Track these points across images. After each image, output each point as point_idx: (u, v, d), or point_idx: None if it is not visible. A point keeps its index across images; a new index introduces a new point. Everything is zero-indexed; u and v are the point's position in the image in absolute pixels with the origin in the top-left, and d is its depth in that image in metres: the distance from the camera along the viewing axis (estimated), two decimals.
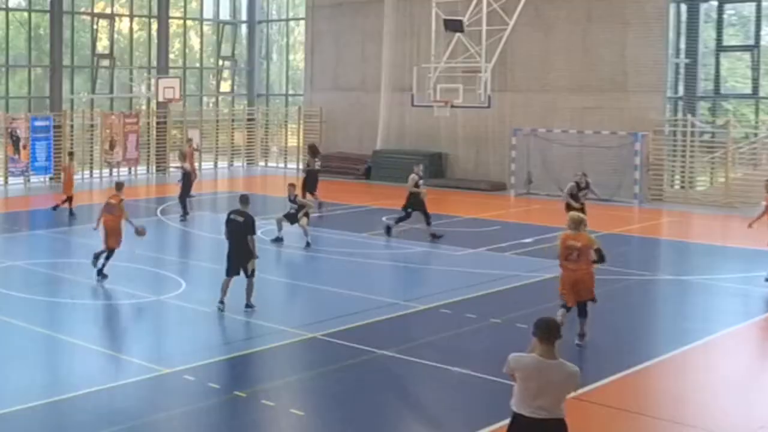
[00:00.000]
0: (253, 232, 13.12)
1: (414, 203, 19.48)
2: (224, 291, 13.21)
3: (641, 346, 11.96)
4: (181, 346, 11.80)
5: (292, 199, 19.03)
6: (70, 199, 22.45)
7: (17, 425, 8.94)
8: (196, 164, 27.99)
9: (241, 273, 13.18)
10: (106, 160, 31.36)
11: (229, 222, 13.33)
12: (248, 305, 13.20)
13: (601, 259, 11.51)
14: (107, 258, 15.13)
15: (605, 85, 26.97)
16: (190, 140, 28.84)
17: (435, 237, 19.11)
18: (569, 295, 11.50)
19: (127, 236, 15.37)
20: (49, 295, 14.51)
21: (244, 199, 13.56)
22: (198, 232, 20.74)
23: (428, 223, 19.27)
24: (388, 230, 19.67)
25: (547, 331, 6.51)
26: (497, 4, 24.41)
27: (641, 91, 26.34)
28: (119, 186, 16.08)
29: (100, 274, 15.06)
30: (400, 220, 19.66)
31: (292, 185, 19.46)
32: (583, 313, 11.59)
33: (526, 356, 6.58)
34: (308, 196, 22.28)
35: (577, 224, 11.53)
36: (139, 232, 15.44)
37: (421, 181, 19.67)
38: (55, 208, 22.78)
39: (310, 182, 23.17)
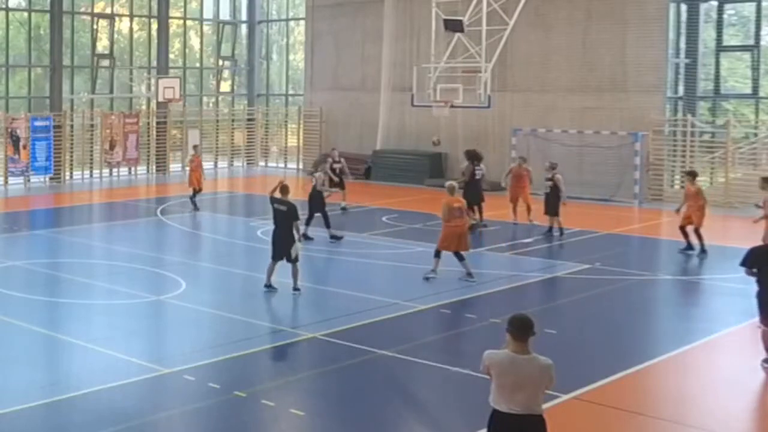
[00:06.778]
0: (297, 218, 14.09)
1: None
2: (269, 275, 14.17)
3: (641, 346, 11.95)
4: (181, 346, 11.79)
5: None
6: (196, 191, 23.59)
7: (17, 425, 8.94)
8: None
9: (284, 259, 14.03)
10: (106, 160, 31.36)
11: (274, 211, 14.26)
12: (295, 288, 14.01)
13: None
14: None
15: (605, 85, 26.95)
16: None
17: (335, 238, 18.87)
18: (452, 245, 15.01)
19: (126, 237, 15.34)
20: (49, 295, 14.51)
21: (285, 189, 14.36)
22: (198, 232, 20.73)
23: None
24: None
25: (521, 328, 6.55)
26: (497, 4, 24.38)
27: (641, 91, 26.33)
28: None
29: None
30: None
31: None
32: (461, 258, 15.11)
33: (500, 353, 6.63)
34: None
35: (453, 190, 15.39)
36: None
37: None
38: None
39: (471, 192, 19.55)
